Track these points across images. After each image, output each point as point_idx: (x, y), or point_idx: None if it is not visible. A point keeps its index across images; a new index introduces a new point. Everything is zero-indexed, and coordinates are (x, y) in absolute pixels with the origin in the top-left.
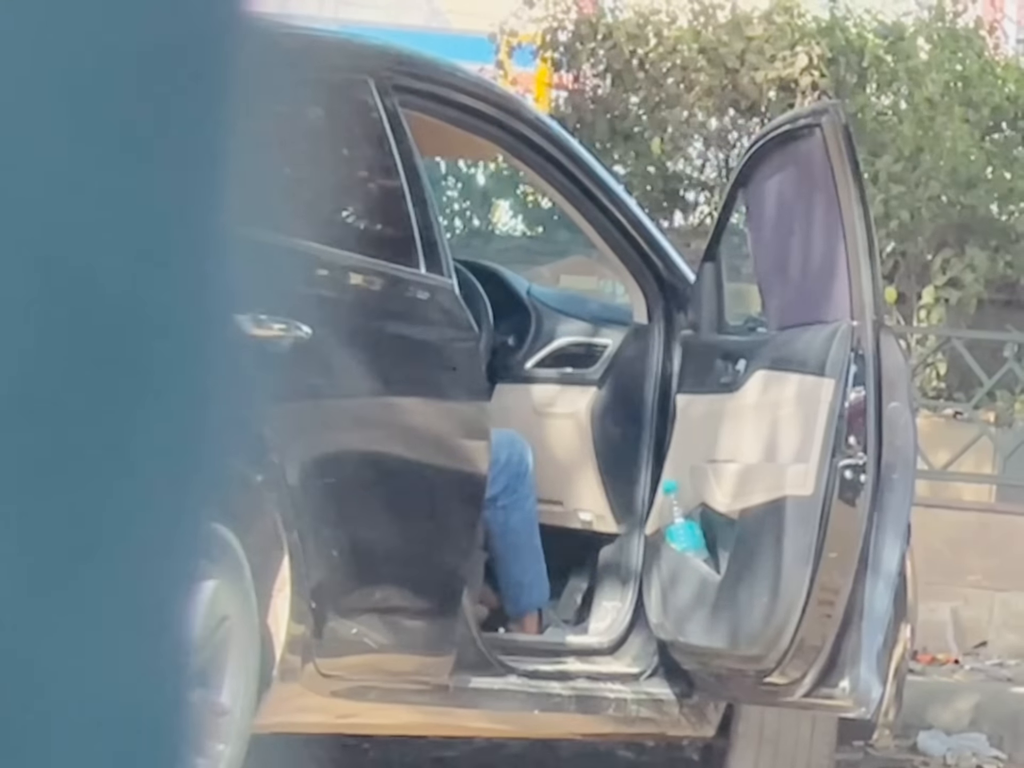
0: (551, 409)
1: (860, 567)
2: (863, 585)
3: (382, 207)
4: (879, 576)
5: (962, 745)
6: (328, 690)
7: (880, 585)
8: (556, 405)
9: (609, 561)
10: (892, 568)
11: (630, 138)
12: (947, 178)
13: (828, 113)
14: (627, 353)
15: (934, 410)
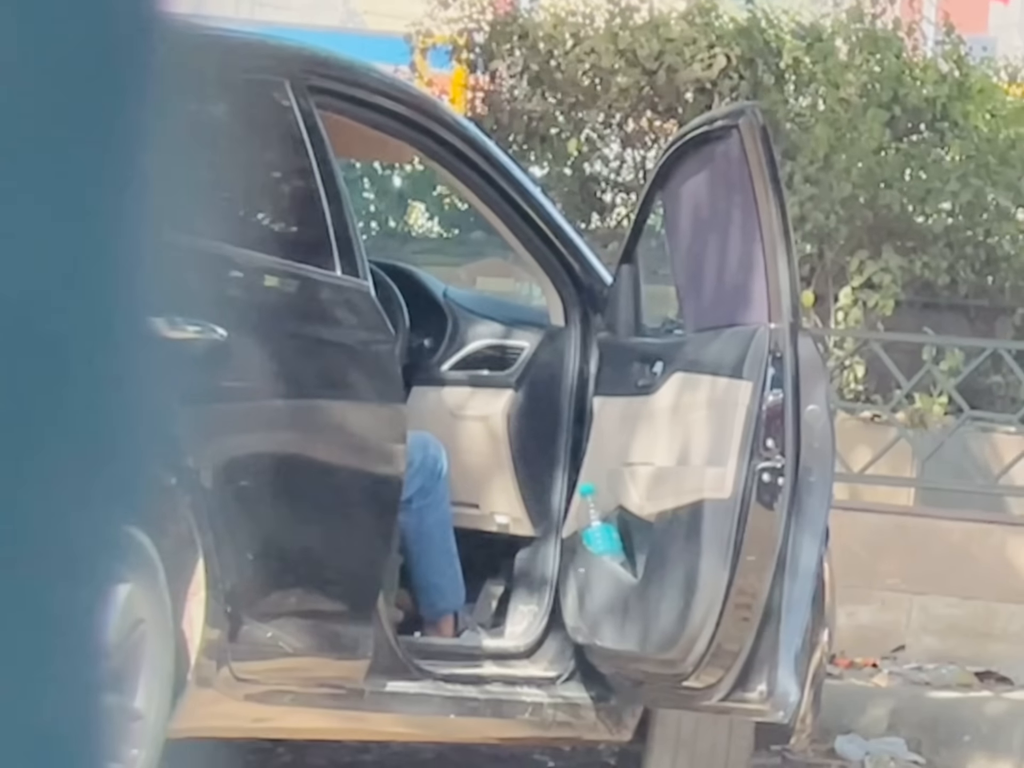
0: (467, 412)
1: (778, 570)
2: (781, 588)
3: (298, 209)
4: (797, 579)
5: (880, 749)
6: (243, 694)
7: (798, 588)
8: (472, 408)
9: (525, 564)
10: (810, 571)
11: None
12: (862, 179)
13: (745, 115)
14: (543, 356)
15: (852, 412)
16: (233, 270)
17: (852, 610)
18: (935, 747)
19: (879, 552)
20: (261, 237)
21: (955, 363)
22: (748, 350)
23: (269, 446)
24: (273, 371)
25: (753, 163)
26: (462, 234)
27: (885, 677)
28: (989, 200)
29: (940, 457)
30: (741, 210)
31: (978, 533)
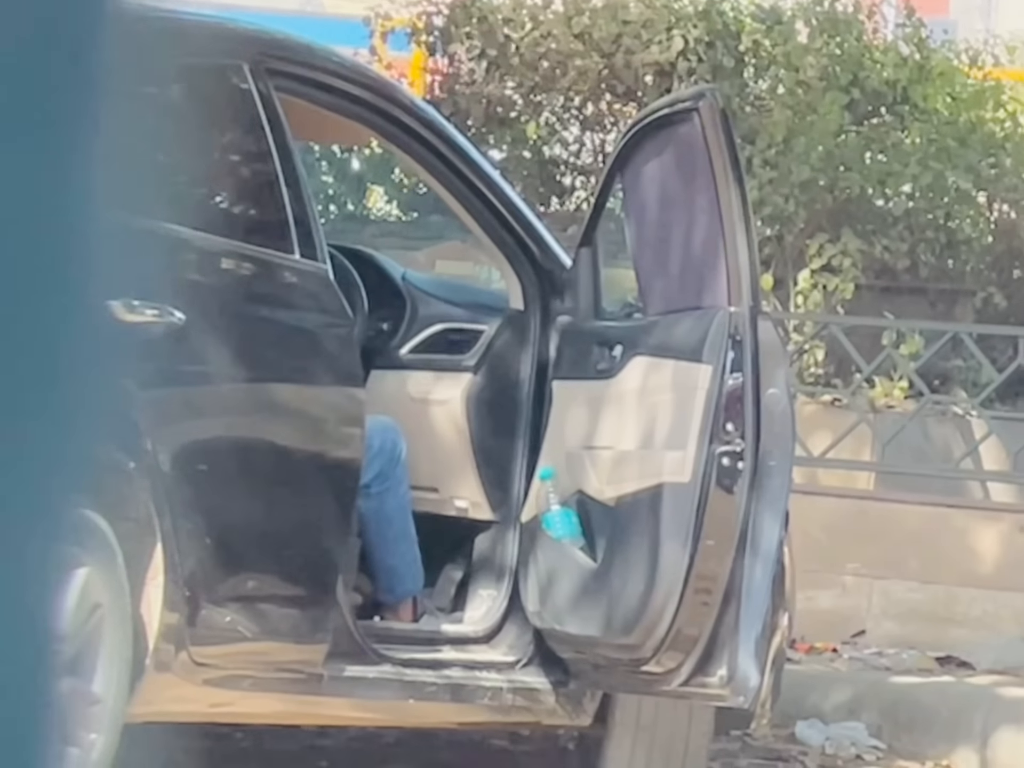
0: (426, 396)
1: (738, 555)
2: (741, 573)
3: (256, 192)
4: (757, 564)
5: (841, 735)
6: (201, 679)
7: (758, 573)
8: (431, 392)
9: (485, 549)
10: (770, 556)
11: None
12: (822, 163)
13: (705, 97)
14: (503, 339)
15: (812, 396)
16: (191, 253)
17: (812, 595)
18: (896, 732)
19: (839, 537)
20: (220, 220)
21: (915, 347)
22: (708, 333)
23: (228, 430)
24: (231, 355)
25: (713, 146)
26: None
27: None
28: (949, 183)
29: (900, 441)
30: (701, 193)
31: (939, 517)
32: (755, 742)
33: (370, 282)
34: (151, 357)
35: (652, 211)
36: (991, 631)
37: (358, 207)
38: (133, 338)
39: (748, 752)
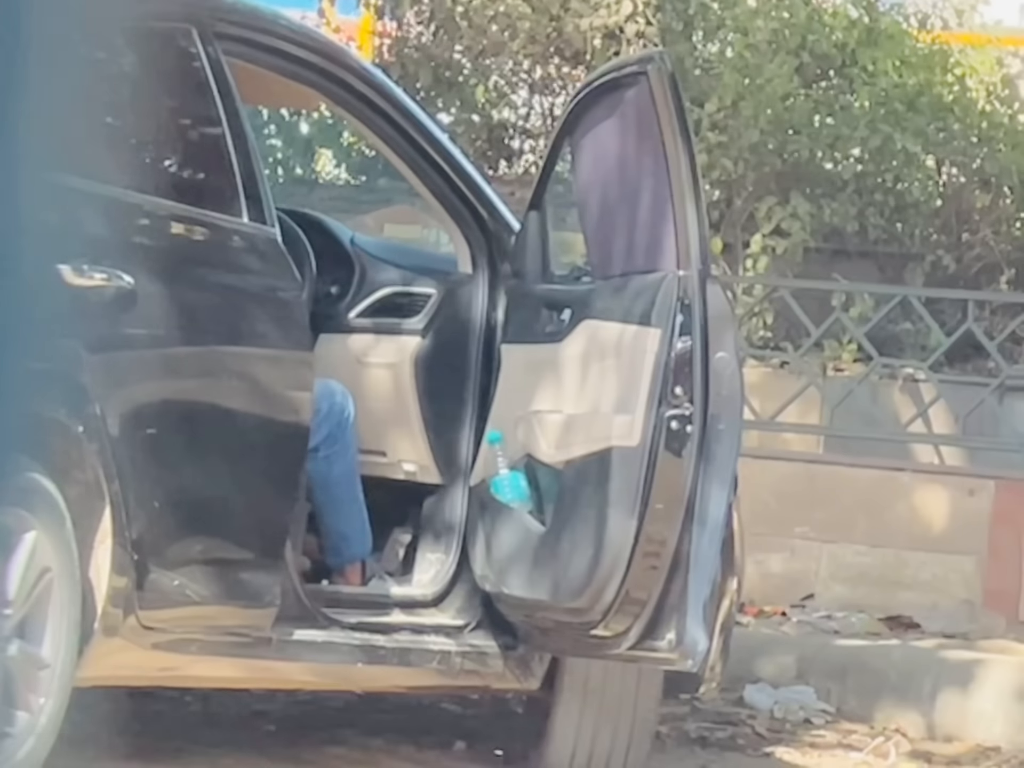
0: (374, 359)
1: (686, 518)
2: (689, 537)
3: (204, 156)
4: (706, 528)
5: (789, 698)
6: (150, 643)
7: (707, 537)
8: (379, 355)
9: (433, 512)
10: (719, 519)
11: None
12: (771, 126)
13: (654, 61)
14: (451, 303)
15: (761, 360)
16: (140, 217)
17: (761, 558)
18: (844, 695)
19: (788, 500)
20: (168, 184)
21: (864, 310)
22: (656, 297)
23: (176, 394)
24: (180, 319)
25: (661, 110)
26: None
27: (794, 625)
28: (898, 147)
29: (849, 405)
30: (649, 157)
31: (887, 481)
32: (704, 706)
33: (319, 246)
34: (100, 321)
35: (601, 175)
36: (940, 595)
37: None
38: (82, 302)
39: (697, 716)
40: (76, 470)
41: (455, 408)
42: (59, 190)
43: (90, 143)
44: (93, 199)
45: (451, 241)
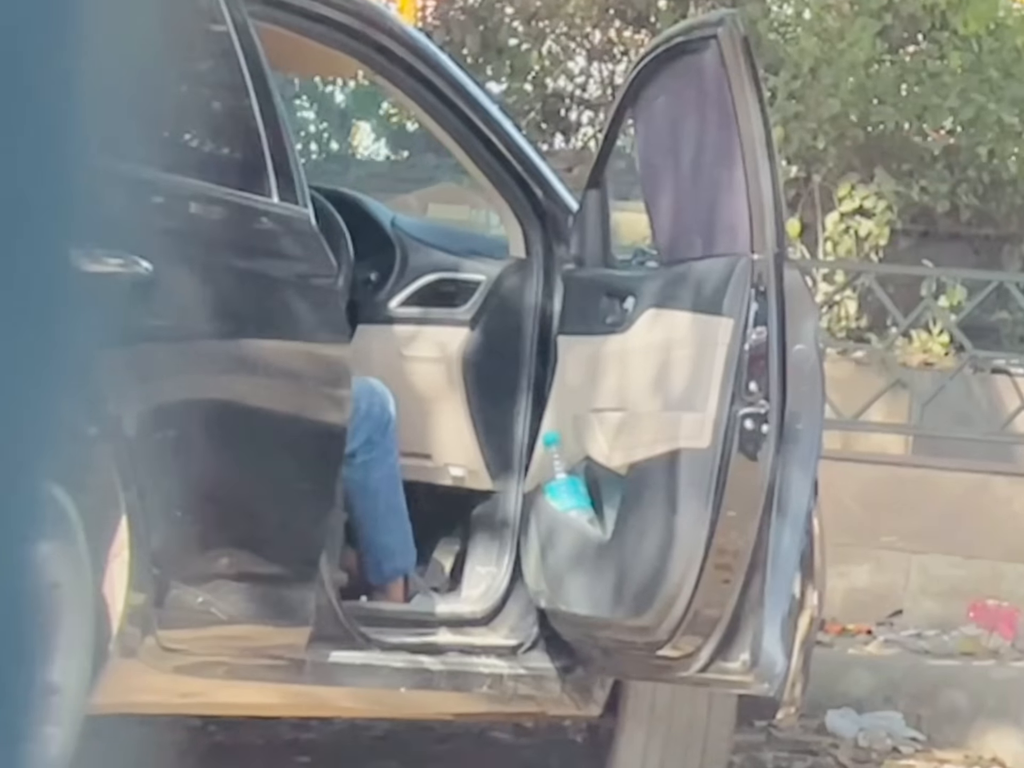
0: (418, 352)
1: (762, 527)
2: (766, 547)
3: (230, 129)
4: (783, 537)
5: (875, 725)
6: (171, 666)
7: (784, 547)
8: (424, 348)
9: (483, 521)
10: (798, 528)
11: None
12: (852, 95)
13: (725, 24)
14: (503, 290)
15: (843, 352)
16: (159, 197)
17: (844, 571)
18: (936, 722)
19: (874, 507)
20: (190, 160)
21: (957, 298)
22: (728, 283)
23: (199, 392)
24: (203, 308)
25: (733, 77)
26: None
27: (880, 645)
28: (993, 117)
29: (940, 401)
30: (720, 129)
31: (982, 485)
32: (781, 733)
33: (356, 228)
34: (114, 311)
35: (666, 149)
36: None
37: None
38: (95, 291)
39: (774, 744)
40: (89, 475)
41: (507, 406)
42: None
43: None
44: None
45: (502, 223)
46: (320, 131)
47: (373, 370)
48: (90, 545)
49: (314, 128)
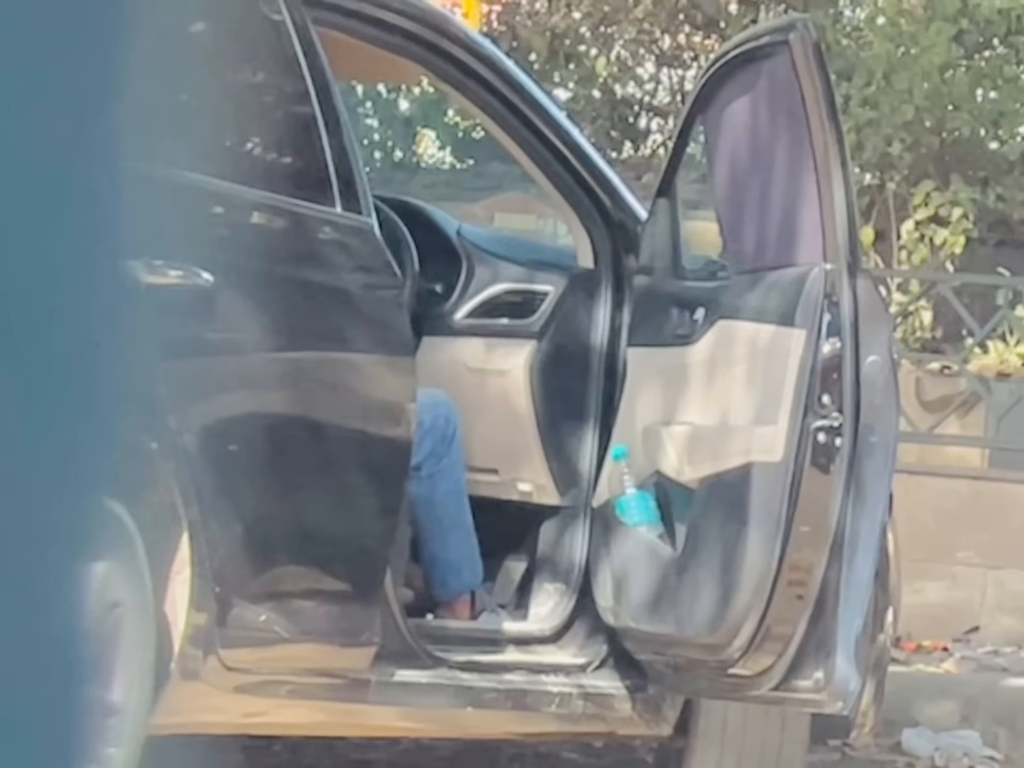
0: (485, 365)
1: (835, 543)
2: (839, 563)
3: (292, 138)
4: (857, 553)
5: (952, 744)
6: (233, 685)
7: (858, 563)
8: (490, 361)
9: (551, 537)
10: (872, 544)
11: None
12: (927, 101)
13: (796, 29)
14: (571, 302)
15: (918, 364)
16: (220, 207)
17: (920, 587)
18: (1014, 741)
19: (949, 521)
20: (251, 169)
21: None
22: (800, 294)
23: (262, 406)
24: (265, 321)
25: (805, 83)
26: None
27: (957, 662)
28: None
29: (1018, 414)
30: (792, 136)
31: None
32: (856, 753)
33: (421, 238)
34: (175, 324)
35: (737, 157)
36: None
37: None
38: (155, 303)
39: (848, 764)
40: (150, 492)
41: (576, 420)
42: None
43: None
44: (166, 187)
45: (570, 232)
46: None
47: (438, 383)
48: (151, 563)
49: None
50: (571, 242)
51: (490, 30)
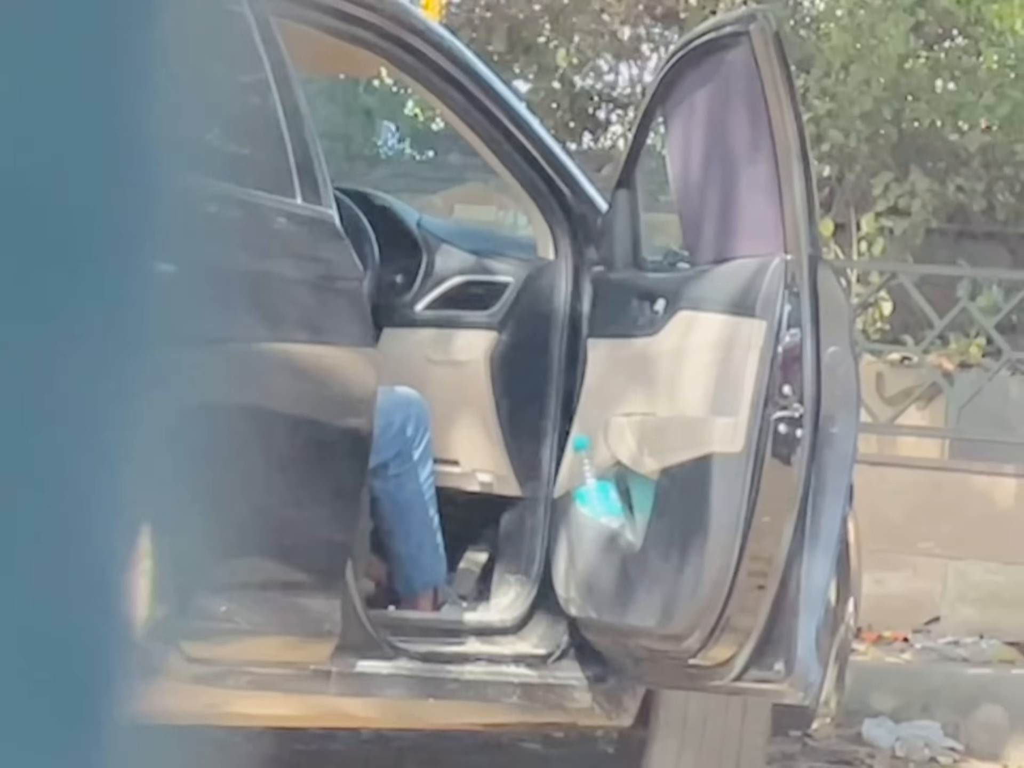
0: (445, 356)
1: (796, 534)
2: (800, 554)
3: (252, 129)
4: (818, 544)
5: (913, 734)
6: (194, 676)
7: (819, 554)
8: (451, 352)
9: (512, 528)
10: (833, 534)
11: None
12: (886, 92)
13: (757, 20)
14: (531, 292)
15: (878, 355)
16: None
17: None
18: (974, 731)
19: (910, 512)
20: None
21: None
22: (761, 285)
23: (222, 396)
24: (224, 313)
25: (765, 74)
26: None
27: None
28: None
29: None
30: (752, 128)
31: (1021, 490)
32: (817, 743)
33: (382, 230)
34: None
35: (697, 148)
36: None
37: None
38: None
39: (809, 754)
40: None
41: (536, 411)
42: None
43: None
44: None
45: (530, 224)
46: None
47: (398, 375)
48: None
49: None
50: (531, 233)
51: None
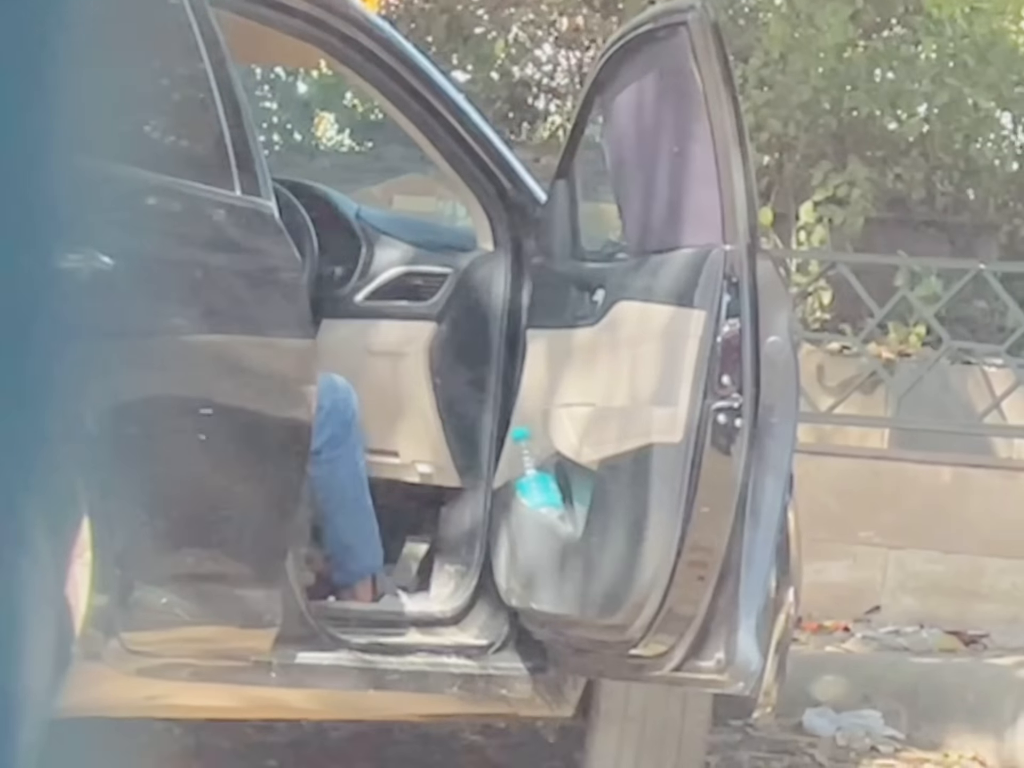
0: (384, 348)
1: (736, 523)
2: (740, 544)
3: (190, 120)
4: (758, 533)
5: (854, 723)
6: (135, 668)
7: (759, 543)
8: (390, 343)
9: (452, 519)
10: (773, 524)
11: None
12: (824, 82)
13: (694, 10)
14: (470, 283)
15: (818, 344)
16: (118, 190)
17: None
18: (915, 720)
19: (851, 501)
20: (150, 153)
21: (933, 288)
22: (700, 275)
23: (162, 388)
24: (164, 304)
25: (703, 64)
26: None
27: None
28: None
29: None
30: (690, 118)
31: (961, 479)
32: (758, 733)
33: (320, 221)
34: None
35: (636, 138)
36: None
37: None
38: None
39: (750, 744)
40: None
41: (475, 402)
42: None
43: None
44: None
45: (469, 214)
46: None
47: (338, 366)
48: (51, 546)
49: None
50: (470, 224)
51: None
